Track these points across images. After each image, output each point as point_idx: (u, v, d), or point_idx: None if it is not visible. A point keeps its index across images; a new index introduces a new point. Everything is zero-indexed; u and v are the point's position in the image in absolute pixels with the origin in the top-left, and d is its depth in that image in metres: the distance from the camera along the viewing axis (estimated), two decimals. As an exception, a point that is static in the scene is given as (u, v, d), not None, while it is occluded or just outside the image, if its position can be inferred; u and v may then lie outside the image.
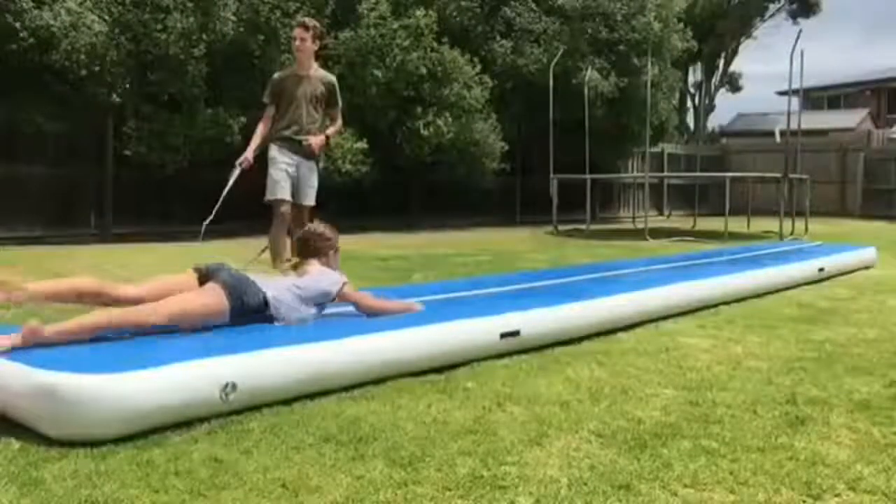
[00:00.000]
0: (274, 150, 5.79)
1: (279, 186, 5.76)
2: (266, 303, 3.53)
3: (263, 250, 5.69)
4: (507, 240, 11.72)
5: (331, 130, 6.03)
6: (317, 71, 6.01)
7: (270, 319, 3.55)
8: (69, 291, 3.43)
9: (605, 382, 3.34)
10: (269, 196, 5.78)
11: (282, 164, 5.76)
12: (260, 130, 5.87)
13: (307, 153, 5.87)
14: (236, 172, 5.69)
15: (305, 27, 5.87)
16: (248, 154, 5.78)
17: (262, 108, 6.03)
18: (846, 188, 19.82)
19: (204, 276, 3.58)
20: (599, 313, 4.37)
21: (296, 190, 5.84)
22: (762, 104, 41.73)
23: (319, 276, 3.79)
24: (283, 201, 5.75)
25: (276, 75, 6.05)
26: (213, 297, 3.39)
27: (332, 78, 6.11)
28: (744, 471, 2.38)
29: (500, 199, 15.67)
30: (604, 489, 2.22)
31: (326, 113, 6.02)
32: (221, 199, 5.43)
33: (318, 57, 6.06)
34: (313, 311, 3.70)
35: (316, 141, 5.84)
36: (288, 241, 5.73)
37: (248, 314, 3.48)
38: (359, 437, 2.59)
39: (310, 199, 5.97)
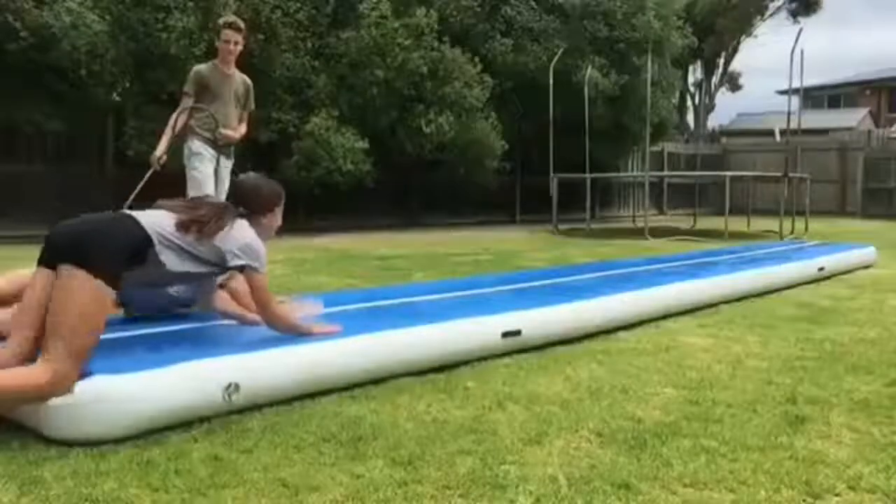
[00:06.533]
0: (197, 144, 5.61)
1: (210, 180, 5.61)
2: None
3: None
4: (507, 239, 11.72)
5: (243, 129, 5.92)
6: (236, 71, 5.90)
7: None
8: None
9: (605, 382, 3.34)
10: (196, 192, 5.56)
11: (209, 160, 5.63)
12: (178, 123, 5.60)
13: (227, 151, 5.79)
14: (151, 171, 5.42)
15: (240, 30, 5.75)
16: (164, 148, 5.51)
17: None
18: (846, 188, 19.82)
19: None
20: (600, 313, 4.37)
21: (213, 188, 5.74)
22: (762, 103, 41.75)
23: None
24: (210, 197, 5.59)
25: (200, 69, 5.78)
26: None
27: (249, 81, 6.02)
28: (744, 470, 2.38)
29: (501, 197, 15.67)
30: (604, 488, 2.22)
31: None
32: (132, 197, 5.07)
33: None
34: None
35: (237, 133, 5.77)
36: None
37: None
38: (359, 437, 2.59)
39: (223, 197, 5.90)
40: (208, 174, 5.62)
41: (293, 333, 3.11)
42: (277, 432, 2.63)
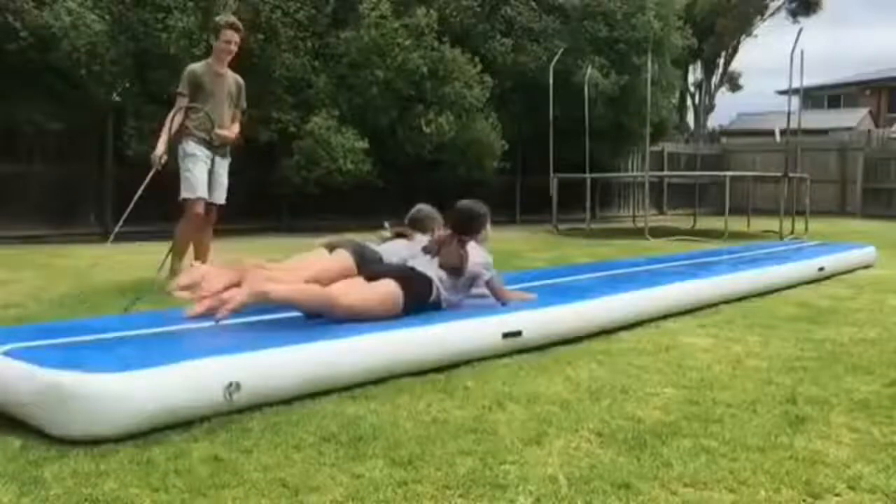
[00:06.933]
0: (192, 145, 5.59)
1: (202, 183, 5.58)
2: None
3: (169, 253, 5.47)
4: (507, 239, 11.70)
5: (235, 128, 5.90)
6: (228, 70, 5.86)
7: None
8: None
9: (605, 382, 3.34)
10: (189, 194, 5.55)
11: (203, 161, 5.60)
12: (174, 123, 5.56)
13: (223, 151, 5.76)
14: (153, 171, 5.38)
15: (240, 30, 5.72)
16: (164, 148, 5.48)
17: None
18: (846, 188, 19.80)
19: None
20: (600, 313, 4.37)
21: (209, 188, 5.70)
22: (762, 103, 41.81)
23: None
24: (203, 199, 5.59)
25: (194, 68, 5.74)
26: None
27: (241, 80, 5.97)
28: (744, 470, 2.38)
29: (501, 197, 15.63)
30: (604, 488, 2.22)
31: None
32: (136, 197, 5.06)
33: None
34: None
35: (232, 133, 5.74)
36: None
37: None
38: (359, 437, 2.60)
39: (223, 199, 5.83)
40: (202, 177, 5.60)
41: (516, 300, 4.12)
42: (277, 432, 2.63)
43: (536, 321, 3.93)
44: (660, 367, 3.62)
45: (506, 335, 3.74)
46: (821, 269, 6.82)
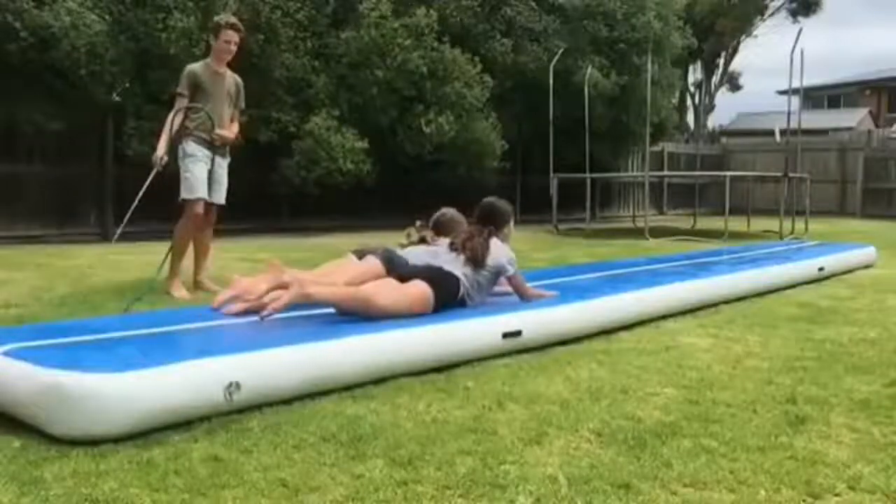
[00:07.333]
0: (192, 146, 5.56)
1: (202, 184, 5.56)
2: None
3: (169, 253, 5.46)
4: (507, 239, 11.71)
5: (235, 128, 5.86)
6: (227, 70, 5.83)
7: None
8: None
9: (605, 382, 3.34)
10: (189, 194, 5.53)
11: (203, 161, 5.58)
12: (175, 123, 5.53)
13: (223, 151, 5.75)
14: (154, 172, 5.36)
15: (240, 30, 5.69)
16: (165, 149, 5.47)
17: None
18: (846, 188, 19.80)
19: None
20: (600, 313, 4.37)
21: (209, 188, 5.67)
22: (762, 103, 41.84)
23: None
24: (202, 200, 5.57)
25: (194, 68, 5.69)
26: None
27: (240, 79, 5.93)
28: (744, 470, 2.38)
29: (501, 197, 15.64)
30: (604, 488, 2.22)
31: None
32: (138, 198, 5.04)
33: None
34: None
35: (231, 133, 5.73)
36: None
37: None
38: (359, 437, 2.60)
39: (223, 199, 5.82)
40: (201, 178, 5.59)
41: (538, 299, 4.23)
42: (277, 432, 2.63)
43: (536, 321, 3.93)
44: (660, 367, 3.62)
45: (506, 335, 3.74)
46: (821, 269, 6.82)
